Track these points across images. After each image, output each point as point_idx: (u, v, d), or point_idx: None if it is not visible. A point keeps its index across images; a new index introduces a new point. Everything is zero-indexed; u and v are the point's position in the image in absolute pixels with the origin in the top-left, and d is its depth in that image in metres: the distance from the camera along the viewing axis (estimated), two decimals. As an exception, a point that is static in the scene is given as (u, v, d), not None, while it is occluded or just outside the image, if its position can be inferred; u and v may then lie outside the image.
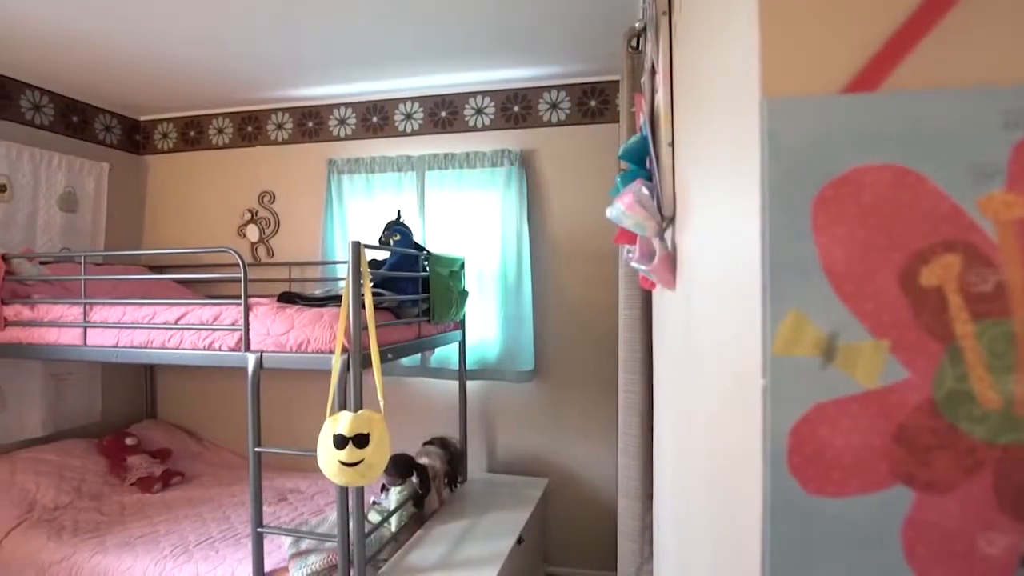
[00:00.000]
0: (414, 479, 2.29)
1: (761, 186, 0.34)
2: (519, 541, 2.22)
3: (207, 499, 2.67)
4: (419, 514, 2.30)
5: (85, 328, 2.22)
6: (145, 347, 2.15)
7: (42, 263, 2.57)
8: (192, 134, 3.40)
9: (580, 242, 2.81)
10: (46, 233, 2.88)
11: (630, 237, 1.08)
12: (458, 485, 2.64)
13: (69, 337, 2.24)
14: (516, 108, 2.89)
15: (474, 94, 2.93)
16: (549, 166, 2.88)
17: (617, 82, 2.36)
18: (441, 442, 2.59)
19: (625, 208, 0.89)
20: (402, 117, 3.04)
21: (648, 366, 1.66)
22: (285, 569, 1.98)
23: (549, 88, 2.84)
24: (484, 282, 2.90)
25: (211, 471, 3.05)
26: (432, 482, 2.37)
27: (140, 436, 3.07)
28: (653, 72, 1.02)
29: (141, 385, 3.46)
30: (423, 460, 2.42)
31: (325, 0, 2.04)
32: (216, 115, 3.34)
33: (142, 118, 3.46)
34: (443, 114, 2.98)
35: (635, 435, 1.66)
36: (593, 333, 2.79)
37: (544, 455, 2.89)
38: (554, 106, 2.84)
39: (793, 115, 0.33)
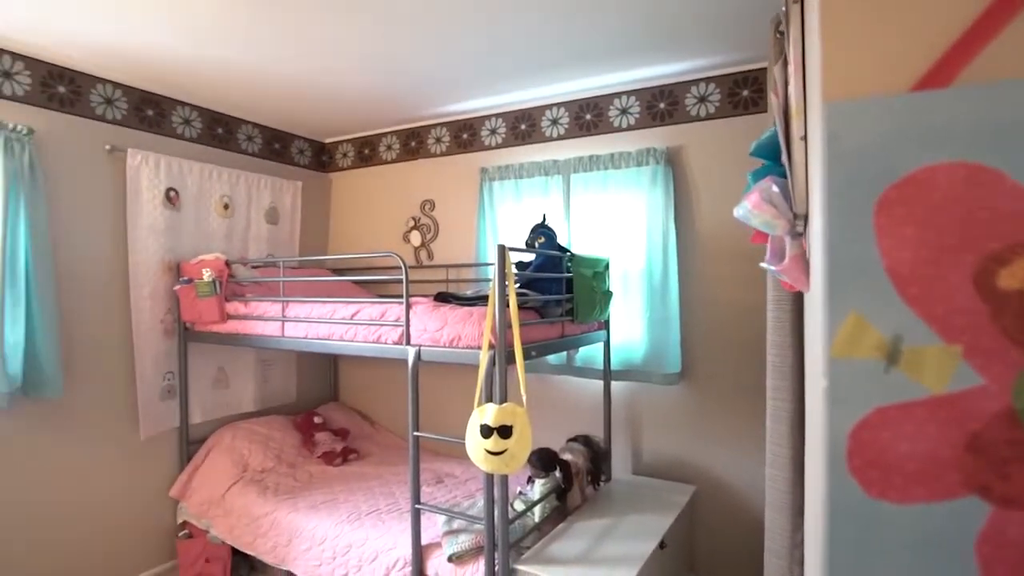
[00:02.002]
0: (557, 474, 2.36)
1: (821, 189, 0.33)
2: (661, 545, 2.19)
3: (376, 475, 3.00)
4: (562, 508, 2.36)
5: (283, 322, 2.63)
6: (327, 339, 2.49)
7: (253, 267, 3.09)
8: (366, 152, 3.84)
9: (730, 240, 2.67)
10: (256, 242, 3.46)
11: (765, 236, 1.04)
12: (601, 484, 2.66)
13: (271, 329, 2.67)
14: (662, 105, 2.83)
15: (619, 94, 2.93)
16: (697, 162, 2.78)
17: (771, 69, 2.22)
18: (585, 440, 2.64)
19: (752, 207, 0.87)
20: (548, 123, 3.14)
21: (800, 372, 1.55)
22: (439, 544, 2.17)
23: (697, 81, 2.74)
24: (629, 283, 2.89)
25: (380, 451, 3.43)
26: (575, 478, 2.42)
27: (325, 416, 3.54)
28: (786, 63, 0.97)
29: (327, 372, 3.99)
30: (566, 456, 2.48)
31: (479, 21, 2.20)
32: (386, 134, 3.74)
33: (327, 140, 3.99)
34: (588, 117, 3.02)
35: (784, 446, 1.56)
36: (744, 336, 2.64)
37: (691, 461, 2.80)
38: (702, 100, 2.74)
39: (855, 118, 0.32)
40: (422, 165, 3.62)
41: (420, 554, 2.16)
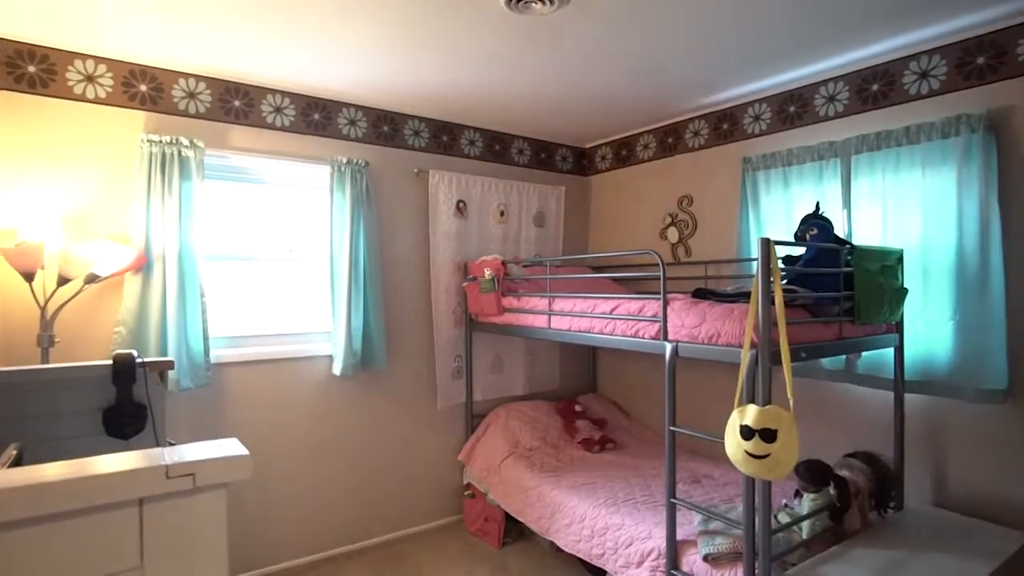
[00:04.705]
0: (831, 490, 2.14)
1: None
2: (975, 595, 1.81)
3: (632, 466, 3.09)
4: (835, 529, 2.12)
5: (549, 315, 2.89)
6: (588, 332, 2.66)
7: (524, 266, 3.46)
8: (623, 153, 3.96)
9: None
10: (525, 244, 3.86)
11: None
12: (889, 511, 2.31)
13: (539, 321, 2.97)
14: (980, 60, 2.31)
15: (916, 56, 2.49)
16: (1037, 125, 2.20)
17: None
18: (867, 457, 2.31)
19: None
20: (823, 100, 2.82)
21: None
22: (693, 542, 2.16)
23: (1035, 24, 2.17)
24: (930, 278, 2.43)
25: (636, 443, 3.51)
26: (853, 498, 2.15)
27: (584, 405, 3.77)
28: None
29: (586, 363, 4.23)
30: (843, 472, 2.22)
31: (740, 3, 2.12)
32: (642, 133, 3.80)
33: (587, 145, 4.22)
34: (874, 88, 2.63)
35: None
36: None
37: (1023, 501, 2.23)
38: (1045, 45, 2.16)
39: None
40: (679, 160, 3.59)
41: (675, 548, 2.18)
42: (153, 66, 2.66)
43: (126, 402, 1.60)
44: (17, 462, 1.13)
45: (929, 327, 2.45)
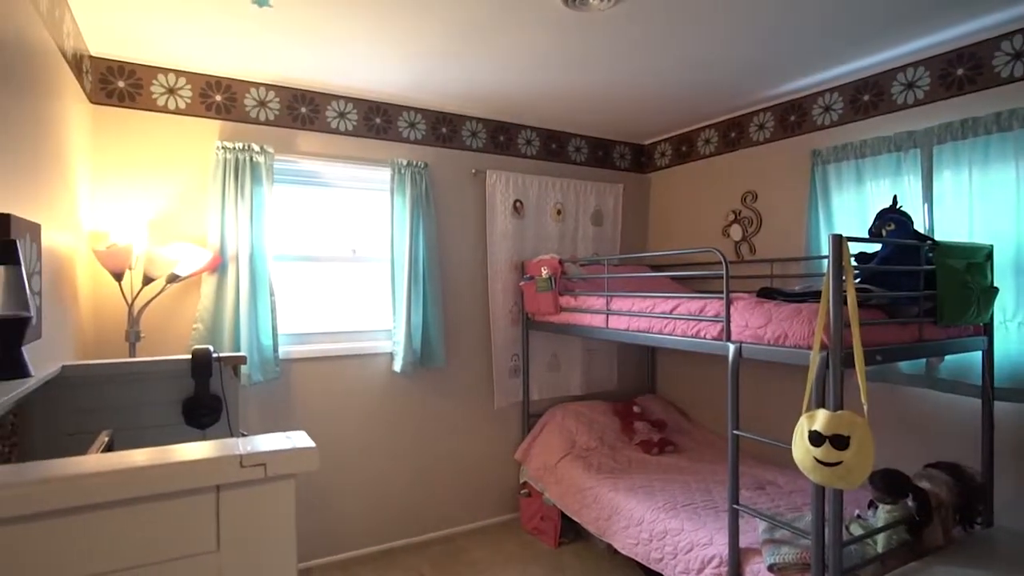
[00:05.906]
0: (909, 502, 2.01)
1: None
2: (1076, 623, 1.66)
3: (692, 470, 3.01)
4: (914, 545, 1.99)
5: (607, 315, 2.86)
6: (647, 332, 2.61)
7: (581, 265, 3.43)
8: (684, 149, 3.86)
9: None
10: (583, 242, 3.83)
11: None
12: (975, 526, 2.15)
13: (597, 321, 2.93)
14: (1085, 39, 2.12)
15: (1010, 35, 2.30)
16: None
17: None
18: (951, 469, 2.16)
19: None
20: (901, 87, 2.66)
21: None
22: (757, 550, 2.08)
23: None
24: (1025, 276, 2.25)
25: (696, 447, 3.42)
26: (935, 512, 2.01)
27: (643, 406, 3.71)
28: None
29: (644, 364, 4.15)
30: (923, 484, 2.08)
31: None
32: (703, 128, 3.70)
33: (645, 142, 4.14)
34: (959, 72, 2.45)
35: None
36: None
37: None
38: None
39: None
40: (743, 155, 3.47)
41: (738, 556, 2.11)
42: (227, 77, 2.81)
43: (204, 394, 1.70)
44: (109, 448, 1.22)
45: (1022, 329, 2.26)
